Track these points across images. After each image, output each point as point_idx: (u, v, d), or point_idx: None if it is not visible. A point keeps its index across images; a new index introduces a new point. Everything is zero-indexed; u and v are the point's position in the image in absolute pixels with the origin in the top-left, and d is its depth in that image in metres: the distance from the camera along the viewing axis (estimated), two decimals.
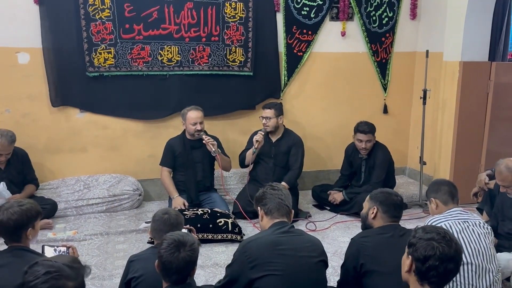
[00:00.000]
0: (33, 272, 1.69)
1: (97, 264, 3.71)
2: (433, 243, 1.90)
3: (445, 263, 1.88)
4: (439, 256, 1.88)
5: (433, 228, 1.99)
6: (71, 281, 1.71)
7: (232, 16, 4.96)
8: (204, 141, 4.49)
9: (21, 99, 4.72)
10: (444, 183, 3.05)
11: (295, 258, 2.41)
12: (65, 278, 1.70)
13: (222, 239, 4.10)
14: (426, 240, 1.92)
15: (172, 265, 2.11)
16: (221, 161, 4.60)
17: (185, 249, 2.12)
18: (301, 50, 5.31)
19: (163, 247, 2.14)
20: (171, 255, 2.10)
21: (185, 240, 2.15)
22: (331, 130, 5.62)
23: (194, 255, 2.16)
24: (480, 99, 5.00)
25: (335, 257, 3.83)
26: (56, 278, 1.68)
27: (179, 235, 2.19)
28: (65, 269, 1.73)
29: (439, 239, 1.91)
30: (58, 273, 1.70)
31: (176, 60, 4.90)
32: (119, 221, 4.60)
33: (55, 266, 1.72)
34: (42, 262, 1.74)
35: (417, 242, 1.93)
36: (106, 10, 4.63)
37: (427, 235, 1.93)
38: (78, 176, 4.97)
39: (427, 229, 1.99)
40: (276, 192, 2.64)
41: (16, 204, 2.52)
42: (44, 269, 1.69)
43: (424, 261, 1.89)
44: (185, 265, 2.12)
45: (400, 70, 5.71)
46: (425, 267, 1.89)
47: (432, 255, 1.88)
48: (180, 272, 2.13)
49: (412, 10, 5.58)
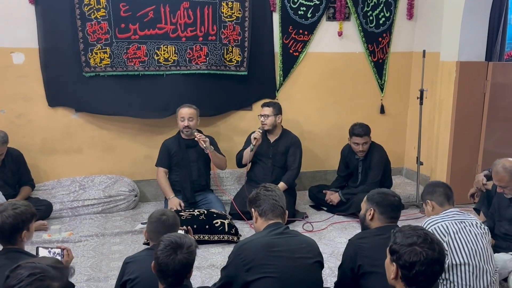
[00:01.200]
0: (16, 275, 1.66)
1: (92, 266, 3.69)
2: (417, 249, 1.87)
3: (431, 266, 1.86)
4: (423, 261, 1.85)
5: (412, 231, 1.94)
6: (56, 282, 1.69)
7: (229, 16, 4.94)
8: (196, 138, 4.49)
9: (16, 100, 4.69)
10: (439, 184, 3.05)
11: (290, 259, 2.40)
12: (49, 279, 1.68)
13: (218, 240, 4.08)
14: (408, 245, 1.88)
15: (168, 267, 2.09)
16: (215, 158, 4.59)
17: (182, 251, 2.10)
18: (297, 50, 5.30)
19: (160, 249, 2.12)
20: (167, 257, 2.08)
21: (182, 242, 2.13)
22: (327, 130, 5.61)
23: (191, 257, 2.14)
24: (477, 99, 5.00)
25: (332, 258, 3.81)
26: (40, 279, 1.66)
27: (176, 237, 2.16)
28: (49, 269, 1.70)
29: (421, 243, 1.88)
30: (42, 274, 1.67)
31: (173, 59, 4.88)
32: (115, 222, 4.57)
33: (39, 267, 1.69)
34: (25, 265, 1.71)
35: (400, 249, 1.89)
36: (102, 9, 4.61)
37: (408, 240, 1.90)
38: (74, 177, 4.95)
39: (406, 232, 1.95)
40: (270, 193, 2.62)
41: (11, 207, 2.49)
42: (27, 271, 1.67)
43: (411, 268, 1.86)
44: (182, 267, 2.10)
45: (397, 70, 5.71)
46: (412, 274, 1.86)
47: (418, 261, 1.85)
48: (177, 274, 2.11)
49: (409, 10, 5.57)
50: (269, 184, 2.78)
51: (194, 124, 4.58)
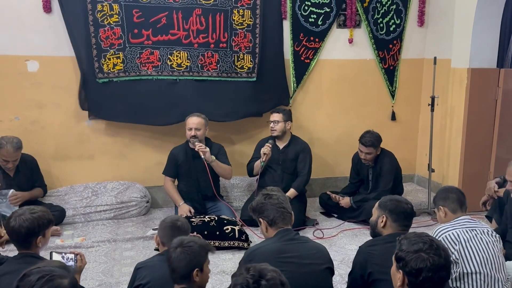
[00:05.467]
0: (26, 283, 1.70)
1: (104, 271, 3.72)
2: (423, 255, 1.87)
3: (437, 272, 1.86)
4: (430, 267, 1.85)
5: (418, 238, 1.95)
6: (65, 279, 1.73)
7: (240, 23, 4.97)
8: (196, 148, 4.46)
9: (30, 107, 4.76)
10: (452, 190, 3.02)
11: (300, 265, 2.41)
12: (59, 277, 1.72)
13: (229, 246, 4.09)
14: (414, 252, 1.89)
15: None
16: (218, 168, 4.57)
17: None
18: (308, 58, 5.31)
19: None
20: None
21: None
22: (338, 137, 5.61)
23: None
24: (488, 106, 4.98)
25: (343, 265, 3.80)
26: (51, 280, 1.69)
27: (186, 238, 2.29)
28: (56, 269, 1.75)
29: (427, 249, 1.89)
30: (50, 274, 1.71)
31: (186, 65, 4.90)
32: (127, 228, 4.61)
33: (46, 270, 1.73)
34: (30, 272, 1.74)
35: (406, 256, 1.90)
36: (115, 16, 4.65)
37: (414, 247, 1.91)
38: (86, 183, 5.00)
39: (412, 239, 1.95)
40: (276, 201, 2.61)
41: (28, 211, 2.51)
42: (35, 276, 1.70)
43: (417, 275, 1.86)
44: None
45: (408, 77, 5.70)
46: (419, 280, 1.86)
47: (424, 268, 1.86)
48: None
49: (419, 17, 5.57)
50: (270, 189, 2.76)
51: (201, 134, 4.54)
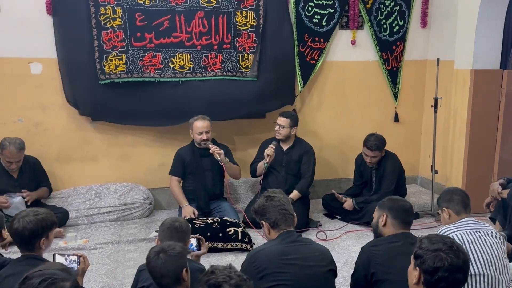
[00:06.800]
0: (28, 285, 1.69)
1: (107, 273, 3.72)
2: (441, 254, 1.88)
3: (454, 273, 1.86)
4: (447, 267, 1.86)
5: (439, 238, 1.97)
6: (67, 282, 1.73)
7: (244, 24, 4.96)
8: (211, 150, 4.51)
9: (34, 109, 4.76)
10: (457, 192, 3.00)
11: (303, 267, 2.40)
12: (61, 280, 1.71)
13: (231, 248, 4.09)
14: (433, 251, 1.90)
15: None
16: (230, 169, 4.63)
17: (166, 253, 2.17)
18: (313, 58, 5.30)
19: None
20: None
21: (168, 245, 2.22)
22: (341, 138, 5.60)
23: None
24: (492, 107, 4.97)
25: (346, 267, 3.80)
26: (53, 283, 1.69)
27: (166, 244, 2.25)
28: (57, 272, 1.75)
29: (446, 249, 1.89)
30: (52, 277, 1.70)
31: (189, 67, 4.89)
32: (130, 230, 4.61)
33: (47, 273, 1.73)
34: (32, 274, 1.73)
35: (425, 254, 1.91)
36: (118, 19, 4.65)
37: (434, 246, 1.91)
38: (89, 185, 5.00)
39: (433, 239, 1.96)
40: (277, 203, 2.60)
41: (32, 213, 2.51)
42: (37, 279, 1.70)
43: (433, 273, 1.87)
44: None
45: (411, 78, 5.69)
46: (435, 279, 1.87)
47: (441, 267, 1.86)
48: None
49: (422, 19, 5.56)
50: (272, 191, 2.75)
51: (210, 136, 4.61)
